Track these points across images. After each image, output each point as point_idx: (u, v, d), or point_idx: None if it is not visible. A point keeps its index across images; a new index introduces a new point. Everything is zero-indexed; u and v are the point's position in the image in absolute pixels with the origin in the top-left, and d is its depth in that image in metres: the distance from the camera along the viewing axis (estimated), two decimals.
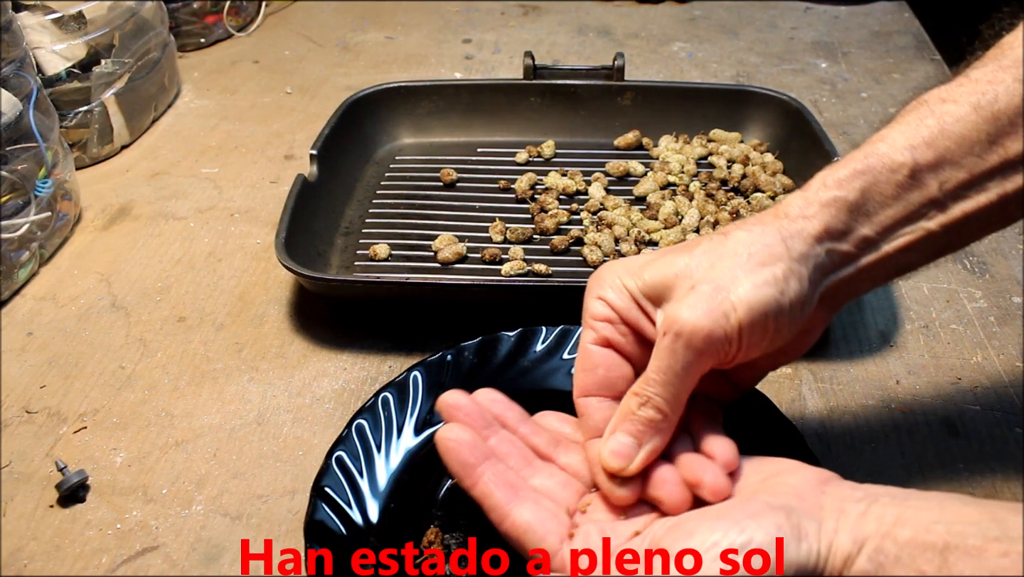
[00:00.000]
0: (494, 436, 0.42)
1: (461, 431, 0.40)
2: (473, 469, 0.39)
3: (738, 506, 0.35)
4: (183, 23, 1.02)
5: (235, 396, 0.58)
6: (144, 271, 0.69)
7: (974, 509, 0.32)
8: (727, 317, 0.37)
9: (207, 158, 0.84)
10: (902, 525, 0.32)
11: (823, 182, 0.40)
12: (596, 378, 0.41)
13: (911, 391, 0.57)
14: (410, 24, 1.11)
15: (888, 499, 0.33)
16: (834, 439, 0.54)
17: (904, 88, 0.93)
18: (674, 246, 0.42)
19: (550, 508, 0.39)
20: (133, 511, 0.50)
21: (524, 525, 0.38)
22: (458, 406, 0.41)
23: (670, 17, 1.11)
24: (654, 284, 0.39)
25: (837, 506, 0.34)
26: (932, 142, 0.39)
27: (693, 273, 0.38)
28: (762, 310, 0.37)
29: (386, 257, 0.68)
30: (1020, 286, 0.65)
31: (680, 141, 0.80)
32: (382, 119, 0.81)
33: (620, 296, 0.40)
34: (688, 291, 0.38)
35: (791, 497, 0.34)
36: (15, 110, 0.66)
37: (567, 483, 0.41)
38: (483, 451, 0.40)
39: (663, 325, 0.38)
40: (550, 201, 0.72)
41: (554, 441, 0.43)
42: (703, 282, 0.38)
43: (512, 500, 0.39)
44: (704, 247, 0.39)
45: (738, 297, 0.37)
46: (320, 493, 0.45)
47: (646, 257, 0.41)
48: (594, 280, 0.42)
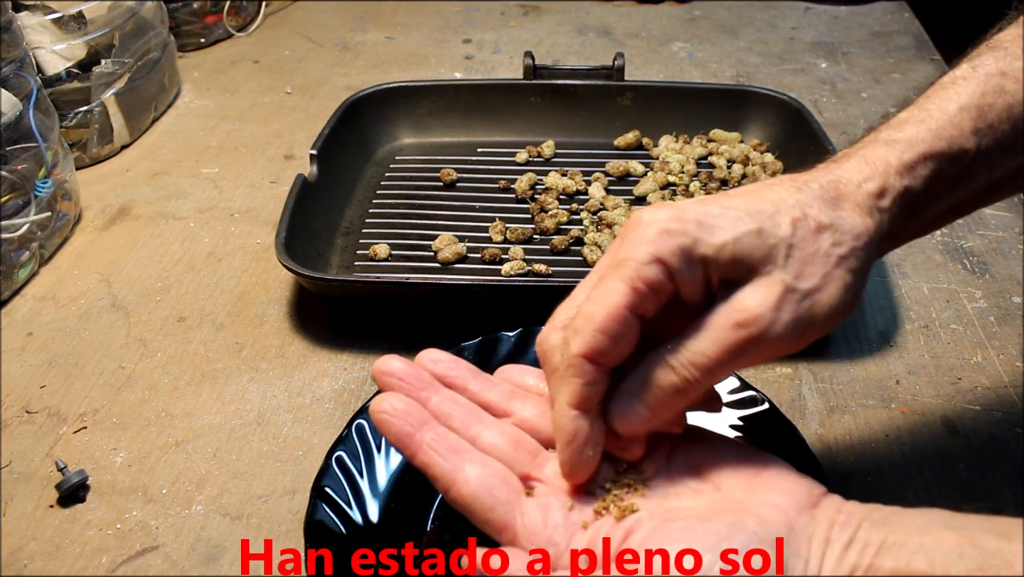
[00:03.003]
0: (435, 395, 0.39)
1: (395, 399, 0.37)
2: (411, 437, 0.36)
3: (727, 536, 0.33)
4: (183, 23, 1.02)
5: (235, 396, 0.58)
6: (144, 271, 0.69)
7: (954, 534, 0.31)
8: (806, 333, 0.35)
9: (207, 158, 0.84)
10: (884, 554, 0.31)
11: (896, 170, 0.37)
12: (617, 349, 0.35)
13: (911, 391, 0.57)
14: (410, 24, 1.11)
15: (869, 524, 0.33)
16: (834, 439, 0.54)
17: (904, 88, 0.93)
18: (745, 193, 0.36)
19: (499, 471, 0.37)
20: (133, 511, 0.50)
21: (471, 494, 0.36)
22: (392, 372, 0.38)
23: (670, 17, 1.11)
24: (738, 255, 0.34)
25: (823, 535, 0.33)
26: (995, 125, 0.38)
27: (782, 259, 0.34)
28: (838, 322, 0.36)
29: (386, 257, 0.68)
30: (1020, 286, 0.65)
31: (680, 141, 0.80)
32: (382, 119, 0.81)
33: (687, 264, 0.34)
34: (776, 288, 0.34)
35: (781, 528, 0.33)
36: (15, 110, 0.66)
37: (519, 443, 0.39)
38: (420, 417, 0.37)
39: (736, 315, 0.34)
40: (550, 201, 0.72)
41: (509, 394, 0.41)
42: (792, 277, 0.34)
43: (456, 467, 0.36)
44: (790, 218, 0.35)
45: (822, 309, 0.35)
46: (320, 493, 0.45)
47: (716, 206, 0.35)
48: (651, 230, 0.34)
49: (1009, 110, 0.38)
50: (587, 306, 0.35)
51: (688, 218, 0.35)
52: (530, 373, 0.42)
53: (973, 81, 0.39)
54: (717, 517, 0.34)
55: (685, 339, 0.35)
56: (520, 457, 0.38)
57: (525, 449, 0.39)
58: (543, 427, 0.40)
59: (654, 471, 0.38)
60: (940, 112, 0.39)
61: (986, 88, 0.39)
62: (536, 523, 0.36)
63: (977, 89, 0.39)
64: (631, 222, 0.36)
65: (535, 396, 0.41)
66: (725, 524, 0.33)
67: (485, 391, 0.41)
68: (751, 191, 0.37)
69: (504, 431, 0.39)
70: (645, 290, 0.34)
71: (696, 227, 0.34)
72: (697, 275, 0.35)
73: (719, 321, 0.35)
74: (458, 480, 0.36)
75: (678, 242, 0.34)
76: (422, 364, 0.40)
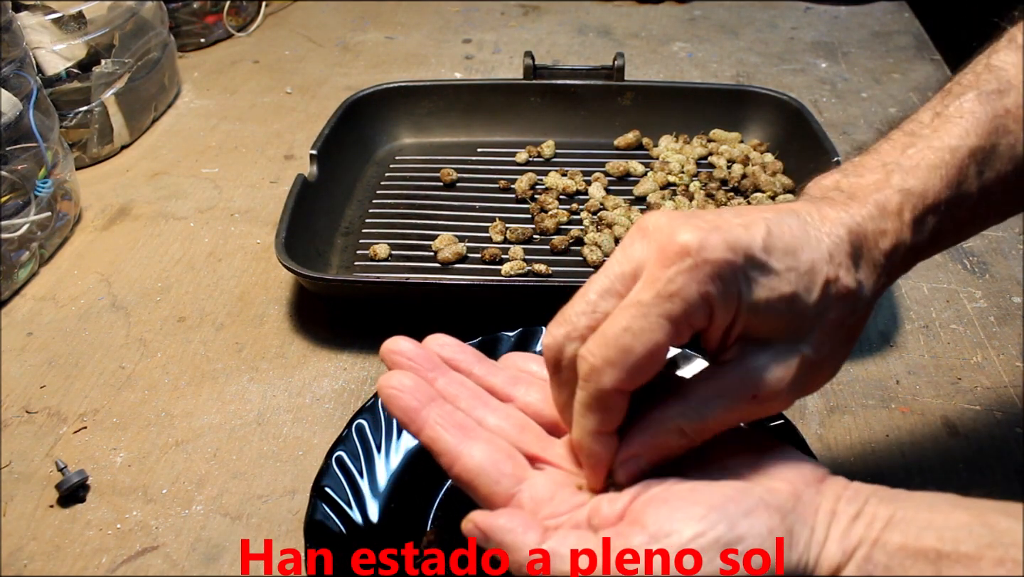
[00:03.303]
0: (442, 377, 0.39)
1: (403, 377, 0.37)
2: (418, 413, 0.36)
3: (733, 497, 0.33)
4: (183, 23, 1.02)
5: (235, 396, 0.58)
6: (144, 271, 0.69)
7: (964, 512, 0.31)
8: (798, 397, 0.36)
9: (207, 158, 0.84)
10: (892, 529, 0.31)
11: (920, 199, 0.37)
12: (646, 379, 0.34)
13: (911, 391, 0.57)
14: (410, 24, 1.11)
15: (877, 500, 0.33)
16: (834, 439, 0.54)
17: (904, 88, 0.93)
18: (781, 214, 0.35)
19: (504, 448, 0.37)
20: (133, 511, 0.50)
21: (476, 468, 0.35)
22: (401, 352, 0.39)
23: (670, 17, 1.11)
24: (767, 321, 0.34)
25: (830, 508, 0.33)
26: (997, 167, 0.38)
27: (807, 331, 0.34)
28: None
29: (386, 257, 0.68)
30: (1020, 286, 0.65)
31: (680, 141, 0.80)
32: (382, 119, 0.81)
33: (728, 308, 0.33)
34: (796, 362, 0.34)
35: (788, 497, 0.33)
36: (15, 110, 0.66)
37: (524, 425, 0.39)
38: (427, 393, 0.37)
39: (758, 390, 0.34)
40: (550, 201, 0.72)
41: (513, 380, 0.41)
42: (814, 352, 0.34)
43: (462, 441, 0.36)
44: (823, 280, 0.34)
45: (822, 380, 0.36)
46: (320, 493, 0.45)
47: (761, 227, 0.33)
48: (705, 271, 0.32)
49: (1011, 151, 0.39)
50: (623, 337, 0.33)
51: (739, 264, 0.33)
52: (533, 360, 0.42)
53: (981, 118, 0.39)
54: (724, 483, 0.34)
55: (698, 404, 0.35)
56: (526, 439, 0.38)
57: (532, 433, 0.39)
58: (546, 411, 0.39)
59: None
60: (951, 155, 0.38)
61: (992, 127, 0.39)
62: (542, 495, 0.36)
63: (984, 128, 0.38)
64: (680, 243, 0.33)
65: (539, 381, 0.41)
66: (732, 488, 0.33)
67: (489, 376, 0.41)
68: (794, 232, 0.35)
69: (510, 414, 0.39)
70: (688, 331, 0.33)
71: (745, 271, 0.33)
72: (729, 319, 0.34)
73: (735, 389, 0.34)
74: (463, 454, 0.36)
75: (732, 290, 0.33)
76: (429, 347, 0.41)
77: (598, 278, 0.35)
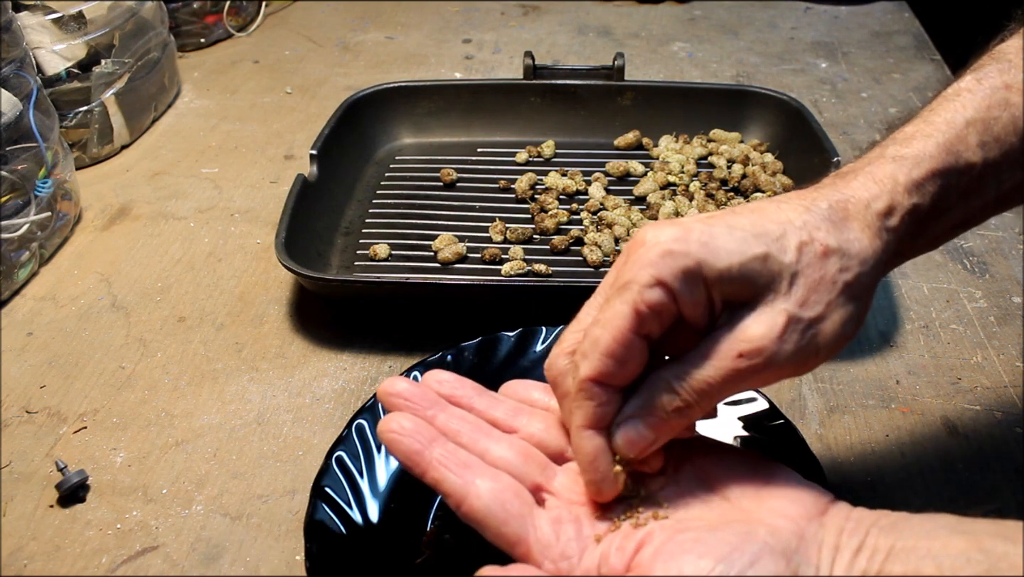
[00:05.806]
0: (441, 413, 0.39)
1: (403, 419, 0.37)
2: (421, 455, 0.36)
3: (737, 546, 0.33)
4: (183, 23, 1.02)
5: (235, 396, 0.58)
6: (144, 271, 0.69)
7: (961, 539, 0.31)
8: (808, 360, 0.35)
9: (207, 158, 0.84)
10: (893, 560, 0.32)
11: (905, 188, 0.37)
12: (625, 371, 0.35)
13: (911, 391, 0.57)
14: (410, 24, 1.11)
15: (878, 530, 0.33)
16: (834, 439, 0.54)
17: (904, 88, 0.93)
18: (752, 212, 0.36)
19: (510, 485, 0.37)
20: (133, 511, 0.50)
21: (483, 509, 0.35)
22: (398, 393, 0.39)
23: (670, 17, 1.11)
24: (743, 279, 0.34)
25: (833, 542, 0.33)
26: (1001, 138, 0.38)
27: (786, 286, 0.35)
28: (842, 347, 0.36)
29: (386, 257, 0.68)
30: (1020, 286, 0.65)
31: (680, 141, 0.80)
32: (382, 119, 0.81)
33: (690, 287, 0.34)
34: (780, 318, 0.34)
35: (792, 537, 0.33)
36: (15, 110, 0.66)
37: (529, 456, 0.39)
38: (428, 434, 0.37)
39: (740, 345, 0.34)
40: (550, 201, 0.72)
41: (515, 411, 0.41)
42: (796, 306, 0.34)
43: (467, 481, 0.36)
44: (797, 242, 0.35)
45: (826, 338, 0.35)
46: (320, 493, 0.45)
47: (722, 225, 0.35)
48: (654, 251, 0.34)
49: (1015, 123, 0.38)
50: (593, 330, 0.35)
51: (692, 239, 0.34)
52: (535, 388, 0.42)
53: (978, 94, 0.39)
54: (727, 527, 0.34)
55: (688, 364, 0.35)
56: (530, 469, 0.38)
57: (535, 461, 0.39)
58: (550, 441, 0.40)
59: (663, 483, 0.38)
60: (947, 126, 0.38)
61: (991, 101, 0.39)
62: (549, 536, 0.36)
63: (983, 102, 0.39)
64: (635, 241, 0.35)
65: (541, 411, 0.41)
66: (735, 534, 0.34)
67: (491, 408, 0.41)
68: (758, 209, 0.37)
69: (513, 444, 0.39)
70: (648, 313, 0.34)
71: (700, 248, 0.34)
72: (700, 297, 0.35)
73: (722, 349, 0.35)
74: (470, 494, 0.36)
75: (681, 264, 0.34)
76: (427, 384, 0.41)
77: (592, 297, 0.38)
